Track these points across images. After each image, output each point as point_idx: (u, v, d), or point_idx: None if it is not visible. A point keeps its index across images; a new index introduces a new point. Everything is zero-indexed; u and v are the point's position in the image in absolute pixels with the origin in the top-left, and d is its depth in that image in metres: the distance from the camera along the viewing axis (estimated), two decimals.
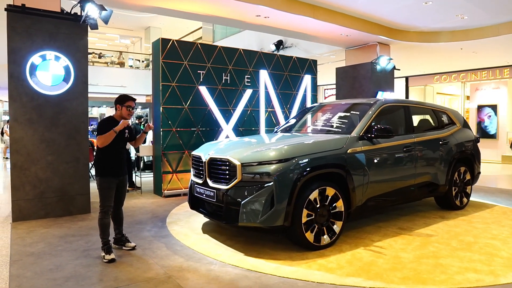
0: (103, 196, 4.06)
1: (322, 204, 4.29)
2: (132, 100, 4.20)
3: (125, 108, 4.13)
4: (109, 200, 4.07)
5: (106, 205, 4.06)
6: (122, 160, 4.19)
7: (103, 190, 4.06)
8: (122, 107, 4.13)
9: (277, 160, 4.05)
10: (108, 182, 4.06)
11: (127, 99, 4.17)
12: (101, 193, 4.07)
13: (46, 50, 5.60)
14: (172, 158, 7.49)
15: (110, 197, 4.08)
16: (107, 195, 4.06)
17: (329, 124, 5.53)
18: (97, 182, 4.10)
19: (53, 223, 5.46)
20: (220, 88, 8.05)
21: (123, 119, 4.14)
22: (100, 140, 3.99)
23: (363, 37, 9.92)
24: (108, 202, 4.07)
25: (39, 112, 5.59)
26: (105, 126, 4.05)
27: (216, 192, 4.33)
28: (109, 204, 4.08)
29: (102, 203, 4.06)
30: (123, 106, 4.13)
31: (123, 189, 4.28)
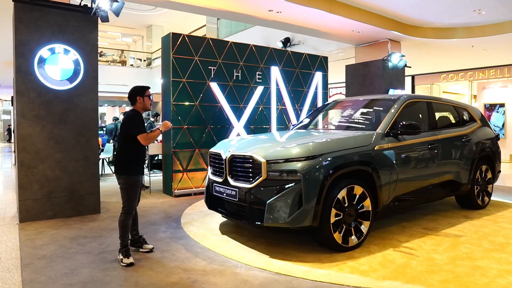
0: (131, 195, 3.83)
1: (350, 204, 4.08)
2: (149, 88, 4.01)
3: (147, 98, 3.92)
4: (136, 200, 3.89)
5: (133, 206, 3.86)
6: (145, 157, 4.01)
7: (132, 189, 3.83)
8: (144, 98, 3.91)
9: (304, 157, 3.83)
10: (138, 181, 3.87)
11: (146, 89, 3.96)
12: (129, 192, 3.83)
13: (55, 43, 5.36)
14: (183, 157, 7.25)
15: (136, 197, 3.89)
16: (135, 194, 3.86)
17: (350, 120, 5.31)
18: (124, 181, 3.82)
19: (62, 223, 5.22)
20: (231, 84, 7.82)
21: (146, 110, 3.95)
22: (148, 140, 3.81)
23: (375, 34, 9.71)
24: (135, 203, 3.88)
25: (47, 108, 5.36)
26: (142, 122, 3.86)
27: (238, 191, 4.11)
28: (135, 204, 3.89)
29: (128, 203, 3.83)
30: (144, 96, 3.91)
31: (140, 188, 4.06)
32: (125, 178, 3.83)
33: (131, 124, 3.81)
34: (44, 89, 5.32)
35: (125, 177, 3.83)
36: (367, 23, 8.18)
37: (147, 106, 3.91)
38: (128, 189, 3.82)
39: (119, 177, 3.88)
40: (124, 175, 3.83)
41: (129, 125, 3.82)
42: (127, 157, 3.86)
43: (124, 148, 3.90)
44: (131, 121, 3.82)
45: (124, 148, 3.90)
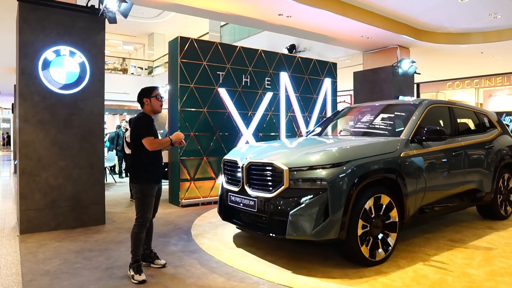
0: (144, 206, 3.52)
1: (377, 214, 3.80)
2: (159, 89, 3.71)
3: (155, 98, 3.62)
4: (150, 211, 3.57)
5: (146, 217, 3.54)
6: (161, 164, 3.72)
7: (146, 199, 3.52)
8: (151, 99, 3.63)
9: (330, 164, 3.55)
10: (152, 189, 3.56)
11: (153, 89, 3.67)
12: (142, 202, 3.52)
13: (61, 44, 5.12)
14: (191, 165, 6.97)
15: (151, 208, 3.57)
16: (149, 204, 3.54)
17: (369, 126, 5.05)
18: (137, 190, 3.54)
19: (65, 235, 4.92)
20: (240, 90, 7.58)
21: (155, 113, 3.66)
22: (154, 145, 3.50)
23: (384, 40, 9.52)
24: (149, 214, 3.56)
25: (51, 113, 5.09)
26: (149, 124, 3.56)
27: (257, 201, 3.82)
28: (149, 216, 3.57)
29: (141, 214, 3.52)
30: (151, 97, 3.63)
31: (159, 199, 3.77)
32: (138, 187, 3.55)
33: (137, 126, 3.55)
34: (48, 92, 5.06)
35: (137, 186, 3.55)
36: (379, 27, 7.98)
37: (156, 107, 3.63)
38: (140, 198, 3.53)
39: (132, 185, 3.61)
40: (136, 183, 3.55)
41: (135, 128, 3.56)
42: (137, 164, 3.59)
43: (134, 155, 3.64)
44: (138, 123, 3.57)
45: (134, 155, 3.64)
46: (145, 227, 3.55)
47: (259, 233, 3.87)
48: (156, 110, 3.64)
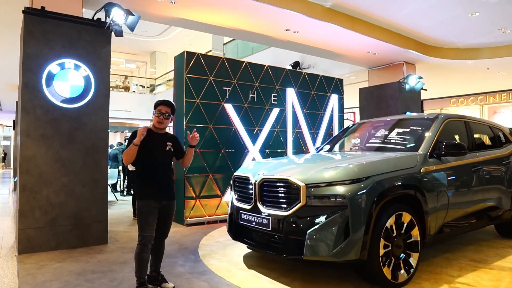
0: (140, 223, 3.33)
1: (398, 233, 3.58)
2: (166, 104, 3.47)
3: (155, 114, 3.46)
4: (148, 229, 3.32)
5: (145, 235, 3.30)
6: (164, 180, 3.47)
7: (142, 216, 3.33)
8: (153, 113, 3.48)
9: (350, 180, 3.36)
10: (147, 206, 3.33)
11: (159, 104, 3.49)
12: (139, 219, 3.35)
13: (65, 58, 4.99)
14: (196, 182, 6.76)
15: (148, 225, 3.32)
16: (145, 221, 3.32)
17: (385, 141, 4.87)
18: (137, 207, 3.42)
19: (66, 255, 4.67)
20: (246, 106, 7.43)
21: (155, 127, 3.48)
22: (124, 157, 3.37)
23: (391, 56, 9.45)
24: (146, 231, 3.31)
25: (54, 127, 4.92)
26: (131, 139, 3.40)
27: (271, 219, 3.61)
28: (147, 234, 3.31)
29: (139, 232, 3.32)
30: (154, 111, 3.49)
31: (168, 217, 3.53)
32: (136, 203, 3.43)
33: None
34: (52, 106, 4.90)
35: (137, 202, 3.43)
36: (387, 41, 7.89)
37: (154, 122, 3.47)
38: (138, 215, 3.38)
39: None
40: (136, 200, 3.45)
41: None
42: (135, 179, 3.52)
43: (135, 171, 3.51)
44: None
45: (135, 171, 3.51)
46: (146, 247, 3.31)
47: (273, 254, 3.64)
48: (154, 124, 3.49)
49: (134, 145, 3.27)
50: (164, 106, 3.47)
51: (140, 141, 3.32)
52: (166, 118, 3.46)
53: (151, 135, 3.44)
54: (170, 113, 3.49)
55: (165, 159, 3.50)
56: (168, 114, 3.46)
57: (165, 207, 3.46)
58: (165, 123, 3.48)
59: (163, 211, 3.45)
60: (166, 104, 3.49)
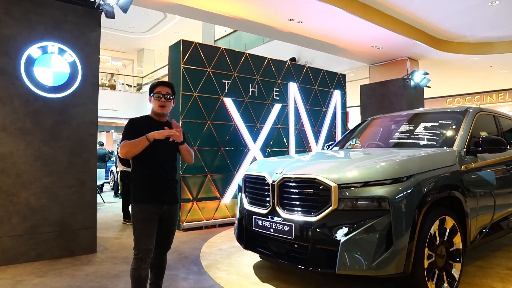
0: (137, 233, 2.73)
1: (441, 240, 3.08)
2: (165, 85, 2.88)
3: (154, 98, 2.85)
4: (146, 240, 2.71)
5: (142, 248, 2.70)
6: (168, 179, 2.89)
7: (138, 224, 2.73)
8: (152, 98, 2.88)
9: (391, 179, 2.83)
10: (144, 211, 2.73)
11: (156, 85, 2.89)
12: (134, 228, 2.75)
13: (48, 40, 4.36)
14: (193, 183, 6.18)
15: (147, 236, 2.72)
16: (142, 231, 2.72)
17: (411, 136, 4.37)
18: (131, 212, 2.80)
19: (49, 268, 4.04)
20: (246, 101, 6.88)
21: (156, 114, 2.89)
22: (124, 148, 2.70)
23: (395, 51, 9.05)
24: (144, 243, 2.70)
25: (35, 120, 4.28)
26: (134, 126, 2.80)
27: (294, 226, 3.06)
28: (146, 247, 2.71)
29: (135, 245, 2.72)
30: (152, 96, 2.87)
31: (171, 226, 2.95)
32: (132, 208, 2.80)
33: (124, 128, 2.83)
34: (32, 96, 4.27)
35: (132, 206, 2.81)
36: (398, 32, 7.42)
37: (154, 108, 2.86)
38: (133, 223, 2.77)
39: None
40: (131, 203, 2.82)
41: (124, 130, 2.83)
42: (131, 179, 2.89)
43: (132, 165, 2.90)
44: (127, 124, 2.84)
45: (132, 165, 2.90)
46: (144, 262, 2.71)
47: (296, 266, 3.09)
48: (154, 110, 2.88)
49: (146, 139, 2.66)
50: (163, 86, 2.88)
51: (140, 132, 2.73)
52: (168, 100, 2.87)
53: (151, 125, 2.86)
54: (171, 94, 2.91)
55: (169, 153, 2.92)
56: (169, 96, 2.88)
57: (168, 213, 2.87)
58: (168, 107, 2.89)
59: (165, 218, 2.87)
60: (165, 85, 2.90)
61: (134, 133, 2.73)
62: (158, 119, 2.91)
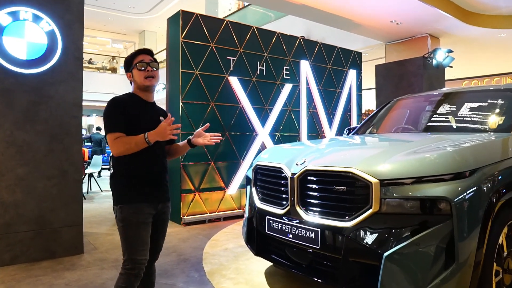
0: (129, 241, 2.09)
1: (508, 251, 2.41)
2: (145, 53, 2.24)
3: (136, 69, 2.18)
4: (142, 250, 2.10)
5: (138, 260, 2.08)
6: (161, 172, 2.24)
7: (129, 230, 2.09)
8: (133, 71, 2.20)
9: (452, 174, 2.15)
10: (139, 213, 2.10)
11: (134, 56, 2.23)
12: (126, 235, 2.10)
13: (20, 5, 3.66)
14: (195, 172, 5.52)
15: (143, 243, 2.10)
16: (138, 238, 2.09)
17: (455, 119, 3.66)
18: (118, 216, 2.13)
19: (24, 275, 3.42)
20: (254, 80, 6.17)
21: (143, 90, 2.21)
22: (119, 148, 2.06)
23: (415, 27, 8.24)
24: (141, 254, 2.09)
25: (6, 100, 3.61)
26: (122, 108, 2.12)
27: (320, 232, 2.40)
28: (143, 258, 2.10)
29: (128, 256, 2.09)
30: (133, 69, 2.20)
31: (164, 227, 2.31)
32: (117, 210, 2.13)
33: (106, 116, 2.13)
34: (2, 72, 3.58)
35: (117, 208, 2.13)
36: (426, 1, 6.58)
37: (139, 81, 2.18)
38: (123, 230, 2.11)
39: (113, 209, 2.18)
40: (116, 205, 2.14)
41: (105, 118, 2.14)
42: (115, 174, 2.19)
43: (112, 161, 2.22)
44: (107, 109, 2.13)
45: (112, 161, 2.22)
46: (136, 277, 2.09)
47: (323, 283, 2.44)
48: (140, 84, 2.19)
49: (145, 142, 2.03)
50: (145, 54, 2.22)
51: (129, 115, 2.10)
52: (156, 70, 2.22)
53: (139, 105, 2.20)
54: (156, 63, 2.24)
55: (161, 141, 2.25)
56: (154, 62, 2.22)
57: (161, 212, 2.24)
58: (157, 77, 2.23)
59: (159, 218, 2.23)
60: (144, 51, 2.24)
61: (123, 117, 2.08)
62: (145, 97, 2.23)
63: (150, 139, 2.03)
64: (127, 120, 2.09)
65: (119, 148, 2.04)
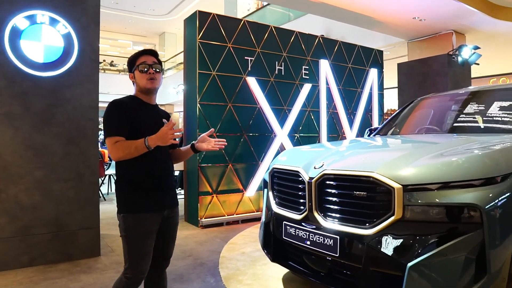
0: (133, 252, 2.03)
1: None
2: (149, 53, 2.15)
3: (138, 71, 2.10)
4: (145, 262, 2.04)
5: (139, 271, 2.03)
6: (166, 177, 2.17)
7: (133, 241, 2.03)
8: (135, 72, 2.13)
9: (482, 180, 2.00)
10: (145, 223, 2.03)
11: (138, 56, 2.15)
12: (129, 244, 2.03)
13: (37, 8, 3.67)
14: (212, 174, 5.47)
15: (146, 254, 2.04)
16: (142, 250, 2.03)
17: (484, 119, 3.47)
18: (120, 225, 2.07)
19: (41, 277, 3.43)
20: (272, 80, 6.07)
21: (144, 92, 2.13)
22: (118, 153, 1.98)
23: (439, 23, 7.99)
24: (143, 265, 2.03)
25: (23, 103, 3.64)
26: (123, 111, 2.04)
27: (339, 239, 2.28)
28: (144, 269, 2.04)
29: (129, 265, 2.03)
30: (135, 70, 2.13)
31: (173, 233, 2.23)
32: (121, 219, 2.06)
33: (105, 119, 2.05)
34: (20, 75, 3.61)
35: (120, 217, 2.06)
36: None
37: (140, 83, 2.11)
38: (125, 239, 2.04)
39: (117, 216, 2.11)
40: (119, 213, 2.07)
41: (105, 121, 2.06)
42: (118, 180, 2.12)
43: (115, 166, 2.14)
44: (107, 112, 2.06)
45: (115, 166, 2.14)
46: (136, 284, 2.05)
47: None
48: (141, 86, 2.12)
49: (145, 146, 1.95)
50: (147, 55, 2.14)
51: (130, 118, 2.03)
52: (158, 72, 2.14)
53: (140, 108, 2.12)
54: (159, 64, 2.17)
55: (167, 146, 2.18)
56: (157, 64, 2.15)
57: (169, 218, 2.17)
58: (159, 79, 2.16)
59: (167, 224, 2.16)
60: (148, 52, 2.16)
61: (122, 121, 2.01)
62: (146, 99, 2.16)
63: (150, 144, 1.95)
64: (127, 123, 2.02)
65: (118, 153, 1.97)
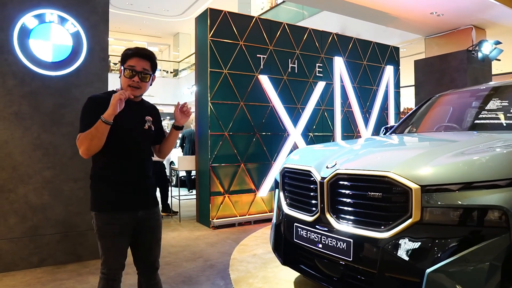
0: (103, 250, 2.00)
1: None
2: (141, 56, 1.98)
3: (124, 74, 1.98)
4: (118, 257, 2.00)
5: (113, 267, 2.00)
6: (141, 176, 2.06)
7: (103, 240, 1.99)
8: (123, 71, 2.00)
9: (509, 180, 1.85)
10: (112, 223, 1.96)
11: (130, 56, 1.98)
12: (100, 243, 2.00)
13: (46, 7, 3.65)
14: (224, 174, 5.38)
15: (118, 252, 2.00)
16: (112, 248, 1.99)
17: (508, 116, 3.29)
18: (93, 222, 2.02)
19: (50, 277, 3.40)
20: (285, 78, 5.95)
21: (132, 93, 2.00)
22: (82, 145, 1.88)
23: (458, 18, 7.73)
24: (116, 261, 2.00)
25: (33, 103, 3.61)
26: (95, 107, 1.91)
27: (353, 243, 2.15)
28: (118, 264, 2.01)
29: (102, 261, 2.02)
30: (123, 68, 2.00)
31: (152, 236, 2.12)
32: (93, 216, 2.01)
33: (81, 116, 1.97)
34: (29, 74, 3.59)
35: (93, 214, 2.01)
36: None
37: (124, 86, 2.00)
38: (97, 236, 1.99)
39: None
40: (91, 210, 2.02)
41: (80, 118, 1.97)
42: (90, 177, 2.07)
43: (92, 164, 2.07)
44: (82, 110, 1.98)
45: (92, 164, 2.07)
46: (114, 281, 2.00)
47: None
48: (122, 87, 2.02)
49: (103, 122, 1.83)
50: (139, 58, 1.98)
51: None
52: (144, 80, 2.00)
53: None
54: (150, 70, 2.03)
55: (143, 142, 2.09)
56: (146, 73, 2.00)
57: (144, 220, 2.06)
58: (143, 88, 2.02)
59: (144, 225, 2.06)
60: (142, 55, 1.99)
61: (95, 117, 1.85)
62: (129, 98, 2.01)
63: (105, 116, 1.82)
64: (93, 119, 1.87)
65: (83, 144, 1.86)
